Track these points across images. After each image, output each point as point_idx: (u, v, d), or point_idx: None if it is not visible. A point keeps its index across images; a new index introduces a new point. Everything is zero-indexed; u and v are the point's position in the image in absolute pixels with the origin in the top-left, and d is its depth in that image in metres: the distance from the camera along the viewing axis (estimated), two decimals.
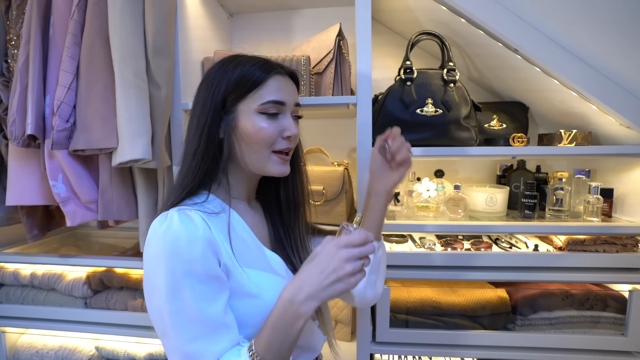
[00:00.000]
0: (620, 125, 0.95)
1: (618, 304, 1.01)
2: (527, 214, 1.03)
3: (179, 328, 0.50)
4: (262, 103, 0.59)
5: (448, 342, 1.03)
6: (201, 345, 0.50)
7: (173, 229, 0.52)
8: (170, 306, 0.50)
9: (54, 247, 1.36)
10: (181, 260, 0.51)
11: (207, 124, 0.59)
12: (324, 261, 0.50)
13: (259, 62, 0.60)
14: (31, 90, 0.92)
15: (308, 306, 0.49)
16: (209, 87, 0.60)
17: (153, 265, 0.52)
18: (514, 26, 0.89)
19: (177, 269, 0.50)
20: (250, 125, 0.59)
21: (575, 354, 0.99)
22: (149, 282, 0.53)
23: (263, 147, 0.60)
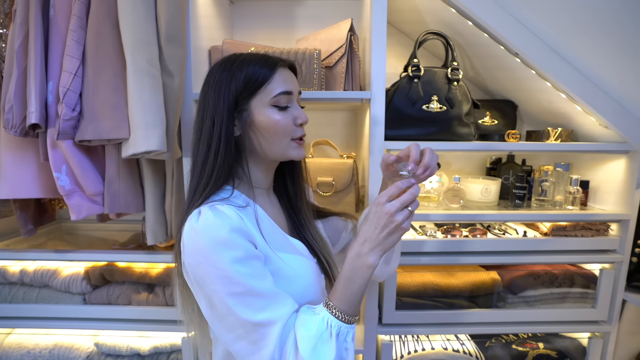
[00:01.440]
0: (599, 125, 1.08)
1: (588, 281, 1.16)
2: (518, 203, 1.15)
3: (242, 304, 0.54)
4: (273, 96, 0.62)
5: (447, 320, 1.12)
6: (268, 313, 0.54)
7: (210, 222, 0.56)
8: (227, 289, 0.54)
9: (41, 242, 1.28)
10: (225, 248, 0.54)
11: (223, 125, 0.62)
12: (374, 219, 0.56)
13: (262, 59, 0.63)
14: (33, 76, 0.85)
15: (374, 257, 0.56)
16: (218, 89, 0.63)
17: (200, 258, 0.55)
18: (516, 32, 0.97)
19: (223, 257, 0.54)
20: (266, 119, 0.62)
21: (553, 326, 1.13)
22: (200, 273, 0.56)
23: (283, 137, 0.64)
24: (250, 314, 0.54)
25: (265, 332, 0.54)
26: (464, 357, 1.16)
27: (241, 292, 0.54)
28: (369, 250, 0.56)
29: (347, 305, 0.56)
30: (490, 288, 1.14)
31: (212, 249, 0.54)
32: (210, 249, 0.54)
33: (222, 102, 0.62)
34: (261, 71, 0.62)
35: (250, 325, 0.54)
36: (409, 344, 1.22)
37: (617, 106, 1.00)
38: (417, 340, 1.23)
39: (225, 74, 0.63)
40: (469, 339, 1.25)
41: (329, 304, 0.57)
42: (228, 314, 0.55)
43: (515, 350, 1.22)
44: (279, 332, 0.54)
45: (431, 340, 1.23)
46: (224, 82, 0.62)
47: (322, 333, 0.53)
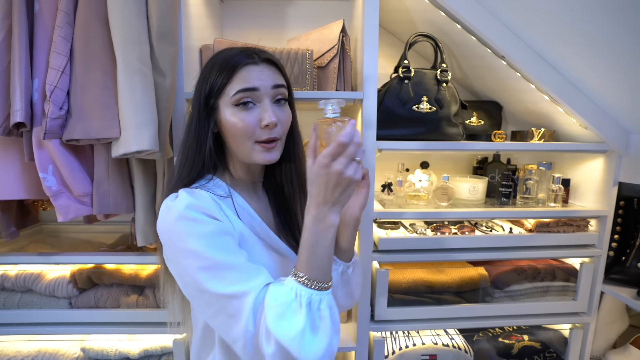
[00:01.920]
0: (579, 126, 1.13)
1: (568, 275, 1.22)
2: (504, 201, 1.19)
3: (214, 278, 0.53)
4: (232, 95, 0.60)
5: (437, 316, 1.15)
6: (239, 285, 0.53)
7: (185, 200, 0.57)
8: (199, 262, 0.54)
9: (22, 245, 1.23)
10: (194, 223, 0.55)
11: (200, 120, 0.64)
12: (324, 181, 0.52)
13: (229, 56, 0.62)
14: (18, 73, 0.82)
15: (334, 215, 0.54)
16: (199, 84, 0.65)
17: (171, 233, 0.56)
18: (503, 36, 1.00)
19: (192, 231, 0.55)
20: (227, 119, 0.61)
21: (539, 318, 1.18)
22: (171, 250, 0.57)
23: (244, 139, 0.61)
24: (222, 287, 0.53)
25: (239, 304, 0.52)
26: (454, 351, 1.19)
27: (211, 265, 0.53)
28: (328, 211, 0.53)
29: (316, 271, 0.53)
30: (478, 283, 1.17)
31: (182, 224, 0.55)
32: (180, 224, 0.55)
33: (197, 99, 0.64)
34: (225, 69, 0.61)
35: (224, 298, 0.53)
36: (400, 340, 1.24)
37: (596, 108, 1.05)
38: (407, 336, 1.25)
39: (206, 69, 0.64)
40: (457, 333, 1.28)
41: (297, 274, 0.54)
42: (202, 290, 0.54)
43: (502, 343, 1.26)
44: (252, 303, 0.52)
45: (421, 335, 1.26)
46: (203, 76, 0.64)
47: (290, 303, 0.51)
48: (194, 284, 0.55)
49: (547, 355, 1.25)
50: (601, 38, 0.88)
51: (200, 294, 0.55)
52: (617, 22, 0.82)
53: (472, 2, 0.99)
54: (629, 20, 0.81)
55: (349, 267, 0.69)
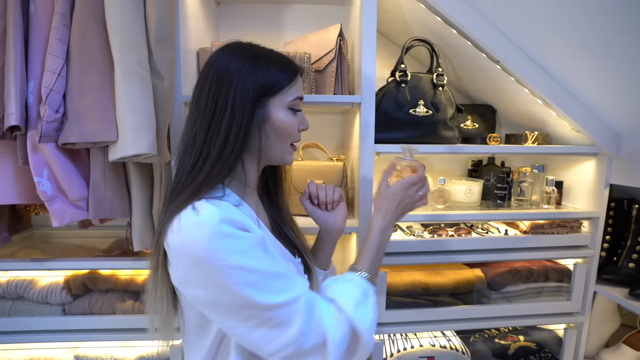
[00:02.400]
0: (572, 129, 1.15)
1: (562, 275, 1.24)
2: (499, 203, 1.20)
3: (263, 291, 0.52)
4: (292, 99, 0.64)
5: (434, 318, 1.16)
6: (290, 292, 0.54)
7: (215, 215, 0.53)
8: (245, 278, 0.52)
9: (12, 251, 1.20)
10: (233, 239, 0.53)
11: (245, 117, 0.59)
12: (397, 200, 0.69)
13: (286, 61, 0.64)
14: (13, 75, 0.80)
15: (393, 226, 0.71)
16: (243, 79, 0.59)
17: (206, 252, 0.51)
18: (498, 41, 1.02)
19: (234, 247, 0.52)
20: (281, 120, 0.63)
21: (534, 319, 1.20)
22: (205, 271, 0.52)
23: (288, 140, 0.66)
24: (273, 297, 0.52)
25: (290, 310, 0.53)
26: (451, 353, 1.20)
27: (258, 279, 0.52)
28: (392, 223, 0.69)
29: (375, 269, 0.67)
30: (475, 285, 1.19)
31: (220, 241, 0.51)
32: (217, 241, 0.51)
33: (247, 94, 0.59)
34: (286, 73, 0.63)
35: (273, 309, 0.52)
36: (397, 342, 1.25)
37: (588, 112, 1.07)
38: (405, 339, 1.26)
39: (250, 66, 0.60)
40: (454, 335, 1.29)
41: (360, 271, 0.65)
42: (245, 305, 0.52)
43: (498, 344, 1.27)
44: (304, 306, 0.54)
45: (419, 337, 1.26)
46: (249, 73, 0.59)
47: (361, 297, 0.60)
48: (236, 302, 0.52)
49: (543, 355, 1.27)
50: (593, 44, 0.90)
51: (241, 310, 0.52)
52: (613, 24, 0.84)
53: (467, 7, 1.00)
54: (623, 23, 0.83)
55: (327, 275, 0.83)
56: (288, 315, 0.53)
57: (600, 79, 0.97)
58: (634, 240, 1.15)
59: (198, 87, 0.63)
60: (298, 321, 0.53)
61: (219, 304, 0.54)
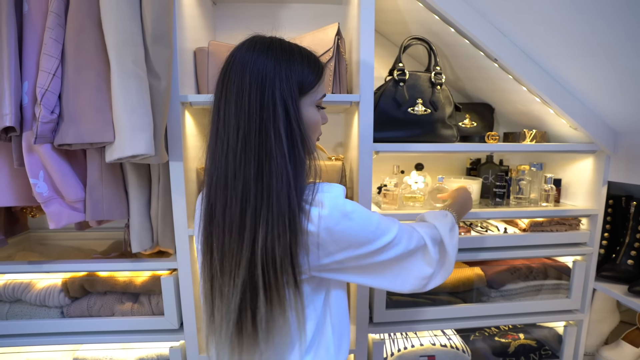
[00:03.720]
0: (569, 127, 1.15)
1: (562, 273, 1.24)
2: (498, 201, 1.20)
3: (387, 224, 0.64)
4: (320, 97, 0.66)
5: (434, 317, 1.16)
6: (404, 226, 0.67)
7: (338, 188, 0.62)
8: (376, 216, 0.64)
9: (8, 254, 1.19)
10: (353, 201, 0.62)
11: (300, 115, 0.60)
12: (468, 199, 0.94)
13: (317, 60, 0.65)
14: (7, 75, 0.80)
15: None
16: (287, 72, 0.58)
17: (357, 207, 0.61)
18: (495, 39, 1.02)
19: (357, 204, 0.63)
20: (312, 117, 0.65)
21: (534, 316, 1.20)
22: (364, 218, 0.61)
23: (315, 135, 0.69)
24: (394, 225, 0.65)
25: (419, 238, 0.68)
26: (452, 351, 1.20)
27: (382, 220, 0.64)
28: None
29: (459, 219, 0.84)
30: (475, 283, 1.18)
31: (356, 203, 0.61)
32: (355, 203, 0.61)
33: (293, 91, 0.58)
34: (317, 72, 0.63)
35: (399, 228, 0.65)
36: (398, 341, 1.24)
37: (585, 110, 1.07)
38: (406, 338, 1.26)
39: (287, 64, 0.59)
40: (455, 333, 1.29)
41: (451, 213, 0.82)
42: (396, 238, 0.63)
43: (498, 342, 1.27)
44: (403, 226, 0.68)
45: (419, 336, 1.26)
46: (288, 71, 0.58)
47: (451, 226, 0.77)
48: (386, 224, 0.63)
49: (543, 352, 1.27)
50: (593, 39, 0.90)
51: (404, 260, 0.66)
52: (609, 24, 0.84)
53: (465, 5, 1.00)
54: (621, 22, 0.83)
55: None
56: (420, 242, 0.68)
57: (596, 77, 0.97)
58: (632, 237, 1.15)
59: (231, 87, 0.59)
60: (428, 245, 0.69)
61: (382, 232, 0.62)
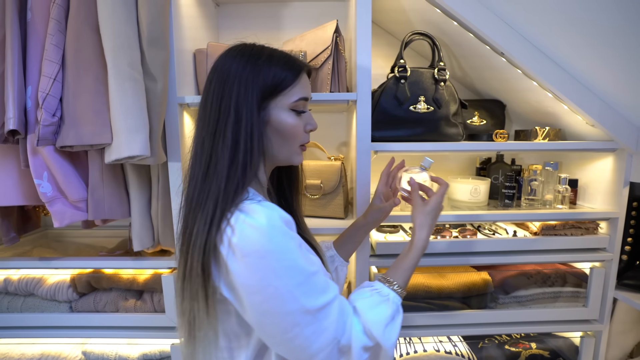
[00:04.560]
0: (586, 124, 1.07)
1: (579, 280, 1.16)
2: (507, 203, 1.14)
3: (307, 294, 0.53)
4: (294, 101, 0.62)
5: (438, 322, 1.11)
6: (326, 296, 0.55)
7: (268, 216, 0.53)
8: (295, 279, 0.53)
9: (26, 250, 1.26)
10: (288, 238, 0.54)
11: (254, 119, 0.58)
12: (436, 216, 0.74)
13: (289, 60, 0.62)
14: (11, 81, 0.84)
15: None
16: (245, 81, 0.58)
17: (265, 254, 0.51)
18: (502, 32, 0.96)
19: (289, 246, 0.54)
20: (283, 122, 0.61)
21: (545, 325, 1.13)
22: (262, 272, 0.52)
23: (294, 141, 0.64)
24: (313, 300, 0.53)
25: (323, 316, 0.54)
26: (456, 359, 1.15)
27: (305, 280, 0.53)
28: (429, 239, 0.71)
29: (407, 284, 0.67)
30: (482, 289, 1.13)
31: (278, 241, 0.52)
32: (277, 241, 0.52)
33: (250, 96, 0.58)
34: (288, 73, 0.60)
35: (312, 313, 0.53)
36: (400, 346, 1.21)
37: (603, 105, 0.99)
38: (409, 343, 1.22)
39: (251, 67, 0.59)
40: (461, 340, 1.24)
41: (395, 285, 0.65)
42: (290, 311, 0.52)
43: (508, 350, 1.21)
44: (336, 312, 0.55)
45: (423, 342, 1.22)
46: (250, 75, 0.58)
47: (393, 313, 0.60)
48: (284, 306, 0.52)
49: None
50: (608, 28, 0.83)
51: (284, 317, 0.52)
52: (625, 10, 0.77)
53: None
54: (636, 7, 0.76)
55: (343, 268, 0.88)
56: (324, 318, 0.54)
57: (614, 68, 0.90)
58: None
59: (204, 92, 0.63)
60: (332, 325, 0.54)
61: (264, 311, 0.53)
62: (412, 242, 0.70)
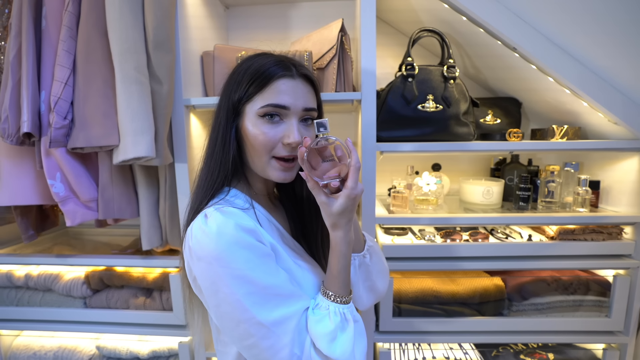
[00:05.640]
0: (608, 122, 1.01)
1: (602, 288, 1.09)
2: (522, 205, 1.09)
3: (258, 305, 0.52)
4: (262, 106, 0.57)
5: (447, 329, 1.08)
6: (283, 310, 0.53)
7: (220, 223, 0.53)
8: (243, 289, 0.52)
9: (47, 247, 1.32)
10: (238, 247, 0.53)
11: (222, 124, 0.60)
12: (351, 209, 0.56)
13: (265, 64, 0.59)
14: (25, 86, 0.88)
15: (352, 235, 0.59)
16: (227, 87, 0.62)
17: (213, 261, 0.52)
18: (513, 25, 0.92)
19: (238, 256, 0.52)
20: (251, 128, 0.58)
21: (564, 335, 1.07)
22: (211, 278, 0.53)
23: (262, 152, 0.59)
24: (266, 313, 0.52)
25: (280, 331, 0.52)
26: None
27: (256, 291, 0.52)
28: (349, 232, 0.57)
29: (348, 289, 0.58)
30: (494, 295, 1.08)
31: (226, 249, 0.52)
32: (223, 249, 0.52)
33: (225, 103, 0.61)
34: (261, 76, 0.58)
35: (266, 326, 0.52)
36: (409, 352, 1.18)
37: (626, 101, 0.93)
38: (418, 349, 1.19)
39: (234, 75, 0.61)
40: (473, 348, 1.19)
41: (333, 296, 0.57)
42: (243, 319, 0.52)
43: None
44: (293, 328, 0.53)
45: (433, 349, 1.18)
46: (233, 79, 0.61)
47: (338, 324, 0.54)
48: (236, 313, 0.52)
49: None
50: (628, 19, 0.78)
51: (237, 325, 0.52)
52: None
53: None
54: None
55: (364, 255, 0.69)
56: (278, 337, 0.52)
57: (637, 60, 0.84)
58: None
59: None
60: (288, 346, 0.52)
61: (221, 315, 0.54)
62: (331, 246, 0.59)
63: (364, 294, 0.70)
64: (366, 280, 0.69)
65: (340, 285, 0.57)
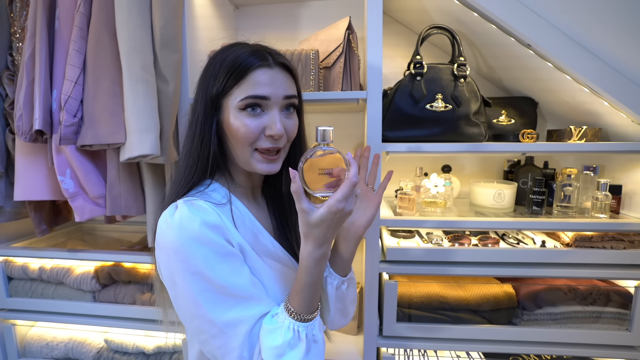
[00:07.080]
0: (632, 122, 0.95)
1: (622, 299, 1.02)
2: (535, 210, 1.04)
3: (211, 303, 0.52)
4: (241, 99, 0.56)
5: (454, 336, 1.04)
6: (237, 312, 0.52)
7: (184, 216, 0.53)
8: (198, 286, 0.52)
9: (60, 241, 1.36)
10: (198, 243, 0.52)
11: (199, 119, 0.60)
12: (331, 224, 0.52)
13: (241, 55, 0.57)
14: (38, 85, 0.90)
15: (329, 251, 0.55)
16: (203, 81, 0.61)
17: (171, 253, 0.53)
18: (527, 20, 0.88)
19: (197, 253, 0.52)
20: (232, 121, 0.58)
21: (580, 348, 1.01)
22: (170, 270, 0.54)
23: (244, 144, 0.58)
24: (220, 312, 0.51)
25: (232, 333, 0.52)
26: None
27: (211, 289, 0.52)
28: (327, 249, 0.54)
29: (312, 306, 0.55)
30: (504, 302, 1.03)
31: (185, 243, 0.52)
32: (182, 243, 0.52)
33: (202, 97, 0.60)
34: (236, 70, 0.57)
35: (217, 326, 0.52)
36: (414, 358, 1.15)
37: None
38: (423, 355, 1.15)
39: (209, 68, 0.60)
40: (481, 357, 1.15)
41: (293, 312, 0.54)
42: (196, 315, 0.52)
43: None
44: (245, 333, 0.52)
45: (439, 355, 1.15)
46: (209, 73, 0.60)
47: (289, 340, 0.52)
48: (190, 308, 0.52)
49: None
50: None
51: (192, 319, 0.53)
52: None
53: None
54: None
55: (343, 282, 0.68)
56: (229, 339, 0.52)
57: None
58: None
59: None
60: (236, 351, 0.52)
61: (178, 307, 0.55)
62: (301, 257, 0.55)
63: (335, 316, 0.70)
64: (339, 303, 0.69)
65: (302, 302, 0.54)
